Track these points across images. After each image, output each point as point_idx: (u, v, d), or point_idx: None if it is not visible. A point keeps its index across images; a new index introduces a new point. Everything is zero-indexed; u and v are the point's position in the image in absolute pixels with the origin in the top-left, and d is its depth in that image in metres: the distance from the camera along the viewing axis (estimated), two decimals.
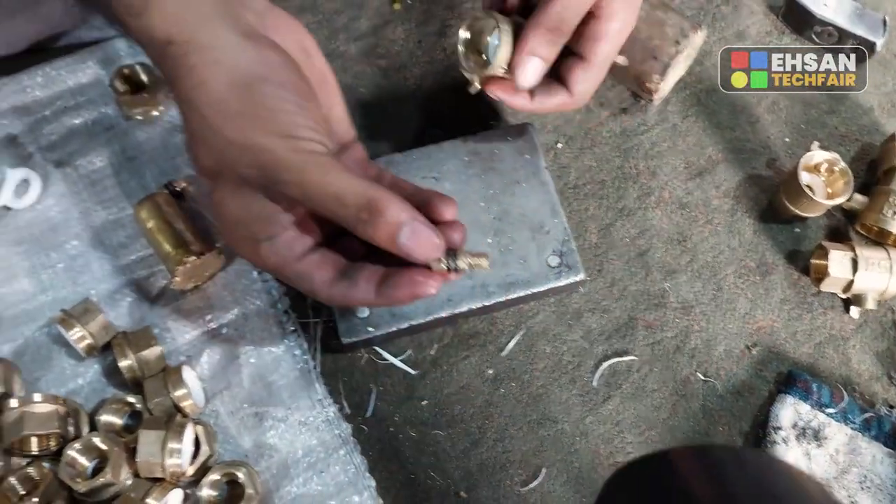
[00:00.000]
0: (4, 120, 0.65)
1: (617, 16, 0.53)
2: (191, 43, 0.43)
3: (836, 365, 0.64)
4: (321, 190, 0.42)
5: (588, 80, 0.56)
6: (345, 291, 0.46)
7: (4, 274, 0.61)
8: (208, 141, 0.44)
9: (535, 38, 0.53)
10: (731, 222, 0.68)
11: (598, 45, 0.54)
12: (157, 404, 0.56)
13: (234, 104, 0.43)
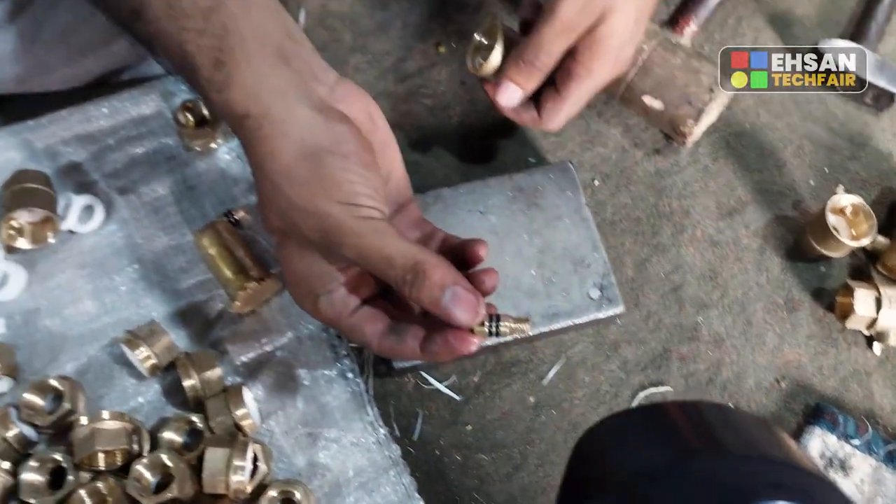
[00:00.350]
0: (70, 148, 0.68)
1: (587, 62, 0.59)
2: (265, 116, 0.47)
3: (860, 398, 0.67)
4: (375, 252, 0.46)
5: (557, 112, 0.62)
6: (393, 345, 0.49)
7: (70, 296, 0.64)
8: (276, 204, 0.48)
9: (512, 68, 0.61)
10: (760, 260, 0.71)
11: (569, 82, 0.60)
12: (219, 423, 0.59)
13: (302, 173, 0.46)
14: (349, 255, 0.46)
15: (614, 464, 0.33)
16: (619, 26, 0.58)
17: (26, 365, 0.62)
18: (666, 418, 0.34)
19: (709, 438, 0.32)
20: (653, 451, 0.32)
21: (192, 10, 0.47)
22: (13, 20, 0.63)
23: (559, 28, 0.57)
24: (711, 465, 0.30)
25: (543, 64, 0.60)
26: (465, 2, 0.81)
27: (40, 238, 0.64)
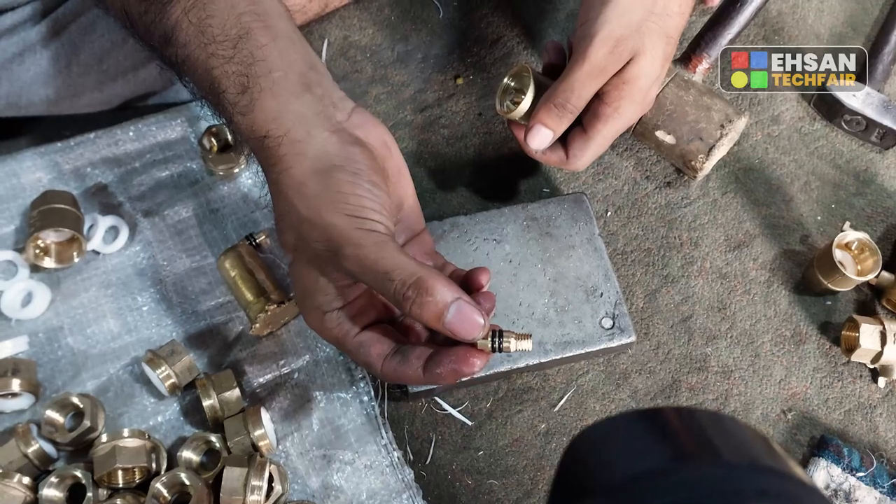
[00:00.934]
0: (97, 170, 0.70)
1: (615, 103, 0.60)
2: (284, 137, 0.49)
3: (864, 431, 0.68)
4: (374, 265, 0.46)
5: (584, 151, 0.63)
6: (396, 366, 0.50)
7: (93, 314, 0.66)
8: (289, 218, 0.49)
9: (543, 111, 0.61)
10: (768, 293, 0.72)
11: (597, 122, 0.62)
12: (237, 443, 0.60)
13: (313, 187, 0.48)
14: (349, 267, 0.47)
15: (605, 466, 0.33)
16: (647, 68, 0.59)
17: (48, 382, 0.63)
18: (659, 423, 0.35)
19: (701, 444, 0.33)
20: (645, 454, 0.32)
21: (221, 38, 0.49)
22: (48, 44, 0.65)
23: (590, 71, 0.59)
24: (702, 471, 0.31)
25: (574, 107, 0.61)
26: (483, 36, 0.83)
27: (66, 258, 0.66)
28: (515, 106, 0.64)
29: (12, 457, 0.58)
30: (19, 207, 0.68)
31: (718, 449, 0.32)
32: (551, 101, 0.60)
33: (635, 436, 0.34)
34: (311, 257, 0.50)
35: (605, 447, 0.35)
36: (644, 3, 0.58)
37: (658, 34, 0.59)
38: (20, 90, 0.66)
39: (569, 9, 0.85)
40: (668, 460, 0.32)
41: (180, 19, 0.49)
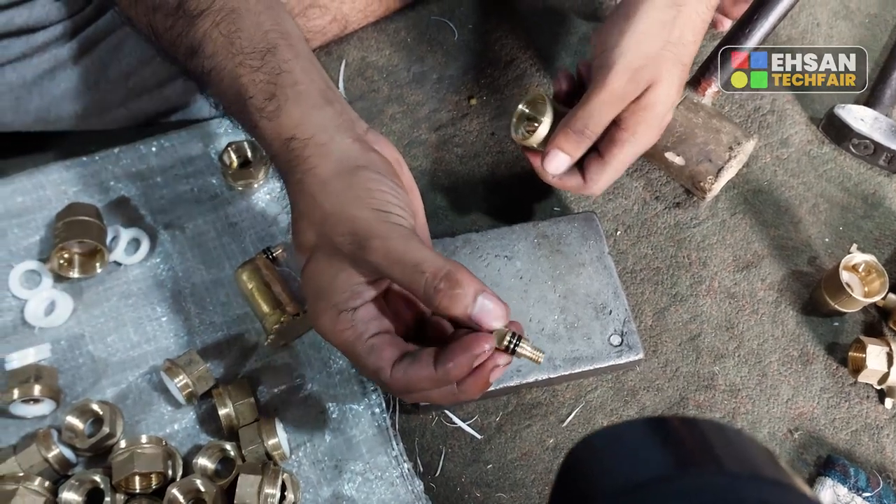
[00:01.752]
0: (120, 184, 0.72)
1: (632, 128, 0.61)
2: (310, 140, 0.51)
3: (871, 452, 0.69)
4: (403, 256, 0.47)
5: (601, 176, 0.64)
6: (406, 368, 0.49)
7: (113, 324, 0.67)
8: (311, 216, 0.50)
9: (562, 137, 0.62)
10: (775, 313, 0.73)
11: (613, 148, 0.63)
12: (252, 451, 0.61)
13: (338, 184, 0.50)
14: (375, 259, 0.47)
15: (606, 473, 0.33)
16: (664, 95, 0.61)
17: (69, 389, 0.65)
18: (662, 431, 0.35)
19: (704, 453, 0.33)
20: (647, 462, 0.33)
21: (249, 50, 0.52)
22: (78, 61, 0.67)
23: (609, 99, 0.60)
24: (705, 479, 0.31)
25: (592, 133, 0.62)
26: (497, 57, 0.85)
27: (89, 268, 0.68)
28: (531, 133, 0.65)
29: (33, 461, 0.60)
30: (45, 219, 0.70)
31: (721, 458, 0.33)
32: (570, 126, 0.62)
33: (637, 443, 0.35)
34: (332, 254, 0.50)
35: (606, 454, 0.35)
36: (661, 33, 0.59)
37: (674, 62, 0.60)
38: (50, 105, 0.68)
39: (581, 32, 0.87)
40: (671, 468, 0.32)
41: (209, 31, 0.52)
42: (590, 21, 0.88)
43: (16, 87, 0.67)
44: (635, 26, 0.58)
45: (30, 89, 0.67)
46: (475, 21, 0.87)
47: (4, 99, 0.67)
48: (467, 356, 0.47)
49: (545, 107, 0.65)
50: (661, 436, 0.35)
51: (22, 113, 0.69)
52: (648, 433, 0.35)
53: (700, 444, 0.34)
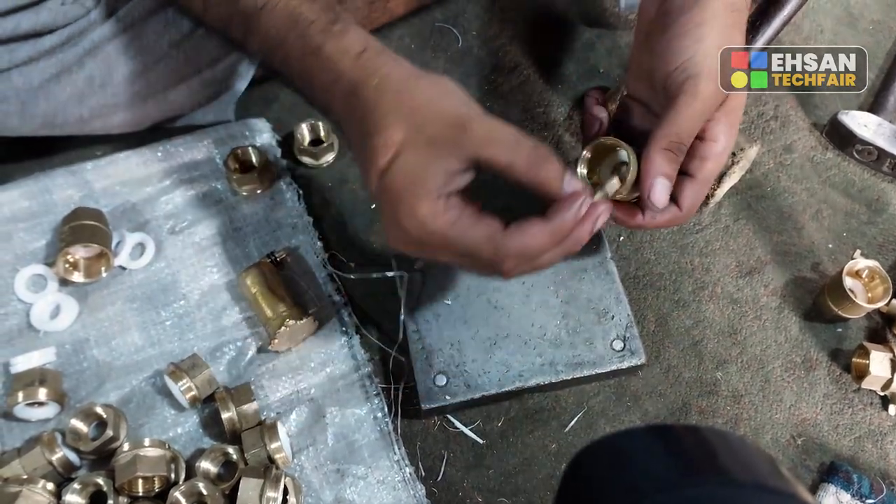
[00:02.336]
0: (126, 188, 0.73)
1: (721, 138, 0.57)
2: (382, 49, 0.54)
3: (874, 458, 0.68)
4: (505, 134, 0.50)
5: (696, 195, 0.59)
6: (519, 229, 0.52)
7: (118, 327, 0.68)
8: (397, 111, 0.51)
9: (659, 161, 0.55)
10: (779, 319, 0.73)
11: (705, 164, 0.57)
12: (254, 455, 0.61)
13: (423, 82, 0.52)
14: (477, 140, 0.49)
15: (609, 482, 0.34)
16: (744, 96, 0.58)
17: (73, 392, 0.65)
18: (666, 440, 0.35)
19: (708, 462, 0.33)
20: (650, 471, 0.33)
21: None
22: (84, 65, 0.68)
23: (702, 108, 0.55)
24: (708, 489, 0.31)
25: (685, 148, 0.56)
26: (500, 64, 0.86)
27: (94, 272, 0.68)
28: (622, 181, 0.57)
29: (37, 463, 0.60)
30: (51, 223, 0.70)
31: (724, 467, 0.33)
32: (667, 147, 0.55)
33: (640, 451, 0.35)
34: (426, 143, 0.50)
35: (609, 463, 0.35)
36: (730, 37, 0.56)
37: None
38: (56, 109, 0.69)
39: (584, 39, 0.88)
40: (673, 477, 0.32)
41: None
42: (593, 27, 0.88)
43: (22, 92, 0.68)
44: (709, 32, 0.55)
45: (36, 94, 0.68)
46: (478, 27, 0.88)
47: (11, 103, 0.68)
48: (576, 203, 0.51)
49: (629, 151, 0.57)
50: (664, 444, 0.35)
51: (28, 117, 0.69)
52: (651, 441, 0.36)
53: (703, 453, 0.34)
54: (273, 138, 0.77)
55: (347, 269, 0.73)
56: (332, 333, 0.69)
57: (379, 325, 0.71)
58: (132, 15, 0.68)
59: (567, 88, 0.84)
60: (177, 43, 0.70)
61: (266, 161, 0.73)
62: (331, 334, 0.69)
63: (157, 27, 0.69)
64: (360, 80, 0.53)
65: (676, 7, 0.56)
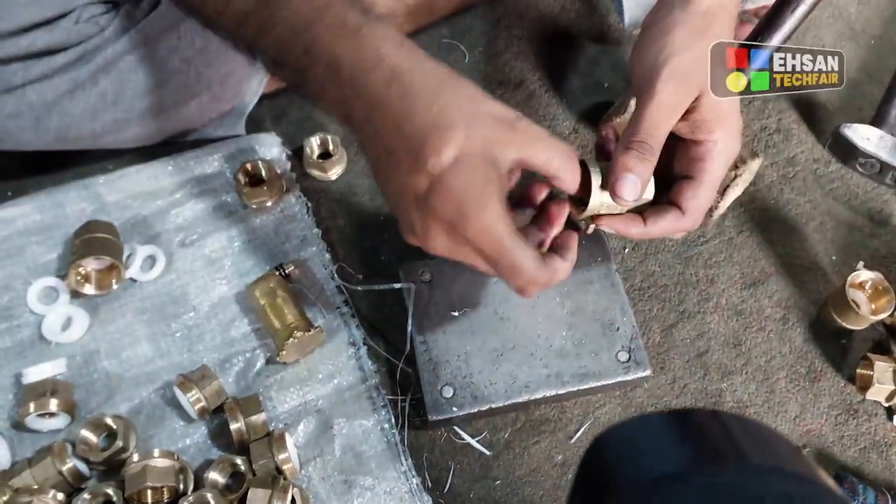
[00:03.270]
0: (137, 202, 0.74)
1: (715, 138, 0.58)
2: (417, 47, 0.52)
3: (879, 469, 0.69)
4: (543, 134, 0.52)
5: (697, 196, 0.58)
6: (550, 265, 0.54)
7: (129, 339, 0.69)
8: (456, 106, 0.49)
9: (626, 158, 0.56)
10: (783, 330, 0.74)
11: (703, 165, 0.58)
12: (262, 466, 0.62)
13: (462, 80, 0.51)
14: (524, 138, 0.50)
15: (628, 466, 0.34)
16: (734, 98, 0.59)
17: (83, 403, 0.66)
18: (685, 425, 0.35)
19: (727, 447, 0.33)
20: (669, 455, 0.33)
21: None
22: (97, 81, 0.69)
23: (659, 108, 0.56)
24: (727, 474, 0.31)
25: (656, 143, 0.57)
26: (507, 79, 0.87)
27: (105, 284, 0.69)
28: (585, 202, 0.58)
29: (48, 474, 0.60)
30: (63, 236, 0.72)
31: (743, 452, 0.32)
32: (628, 146, 0.56)
33: (659, 436, 0.34)
34: (485, 143, 0.49)
35: (628, 447, 0.35)
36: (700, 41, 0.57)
37: None
38: (69, 125, 0.70)
39: (589, 55, 0.89)
40: (693, 462, 0.32)
41: None
42: (598, 43, 0.89)
43: (36, 108, 0.69)
44: (672, 39, 0.57)
45: (50, 109, 0.69)
46: (485, 44, 0.89)
47: (25, 119, 0.69)
48: None
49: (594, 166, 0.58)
50: (684, 428, 0.35)
51: (42, 132, 0.70)
52: (670, 426, 0.35)
53: (722, 437, 0.33)
54: (282, 152, 0.78)
55: (355, 281, 0.74)
56: (340, 345, 0.70)
57: (386, 337, 0.72)
58: (145, 32, 0.69)
59: (572, 103, 0.85)
60: (188, 59, 0.71)
61: (275, 174, 0.74)
62: (338, 346, 0.70)
63: (168, 43, 0.70)
64: (405, 68, 0.50)
65: (650, 19, 0.59)
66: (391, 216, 0.78)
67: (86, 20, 0.68)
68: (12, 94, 0.68)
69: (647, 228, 0.59)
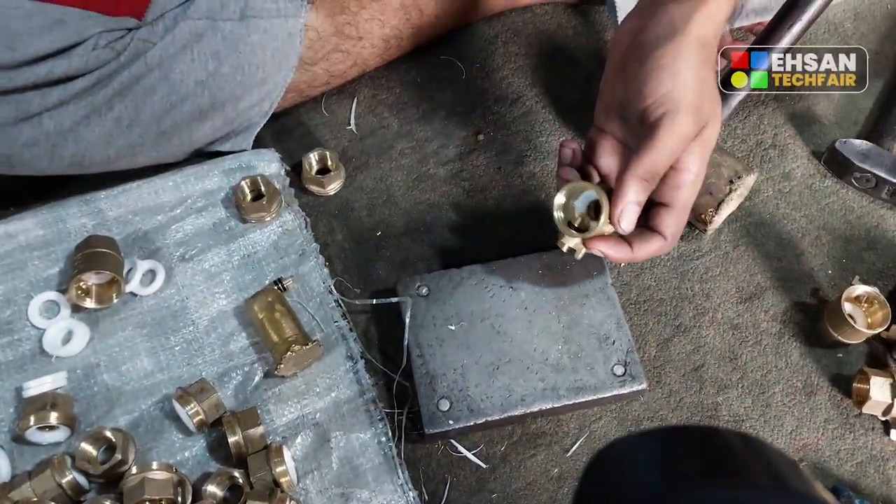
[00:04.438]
0: (138, 217, 0.75)
1: (692, 167, 0.60)
2: None
3: (876, 484, 0.69)
4: None
5: (676, 223, 0.62)
6: None
7: (128, 353, 0.69)
8: None
9: (633, 189, 0.59)
10: (779, 344, 0.74)
11: (680, 192, 0.61)
12: (259, 479, 0.62)
13: None
14: None
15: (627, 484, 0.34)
16: (716, 128, 0.61)
17: (83, 416, 0.67)
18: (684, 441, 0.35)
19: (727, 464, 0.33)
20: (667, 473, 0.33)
21: None
22: (113, 107, 0.70)
23: (678, 141, 0.58)
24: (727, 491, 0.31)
25: (658, 177, 0.60)
26: (504, 95, 0.88)
27: (105, 299, 0.70)
28: (596, 221, 0.61)
29: (47, 486, 0.61)
30: (64, 251, 0.72)
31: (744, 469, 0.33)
32: (642, 177, 0.59)
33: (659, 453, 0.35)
34: None
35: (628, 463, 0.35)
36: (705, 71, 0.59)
37: (717, 97, 0.61)
38: (84, 151, 0.71)
39: (585, 71, 0.90)
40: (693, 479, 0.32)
41: None
42: (594, 59, 0.90)
43: (52, 135, 0.69)
44: (685, 66, 0.57)
45: (66, 136, 0.70)
46: (482, 60, 0.90)
47: (41, 147, 0.70)
48: None
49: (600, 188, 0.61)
50: (684, 445, 0.35)
51: (57, 159, 0.71)
52: (671, 442, 0.36)
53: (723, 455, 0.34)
54: (281, 168, 0.79)
55: (353, 295, 0.74)
56: (338, 359, 0.70)
57: (383, 351, 0.72)
58: (159, 55, 0.69)
59: (568, 118, 0.86)
60: (202, 81, 0.71)
61: (274, 190, 0.75)
62: (336, 359, 0.70)
63: (182, 66, 0.70)
64: None
65: (651, 40, 0.59)
66: (388, 231, 0.79)
67: (102, 47, 0.68)
68: (29, 123, 0.69)
69: (633, 254, 0.62)
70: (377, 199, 0.81)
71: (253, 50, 0.72)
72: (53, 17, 0.67)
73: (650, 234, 0.62)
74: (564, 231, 0.64)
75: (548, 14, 0.94)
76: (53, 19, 0.67)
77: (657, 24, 0.59)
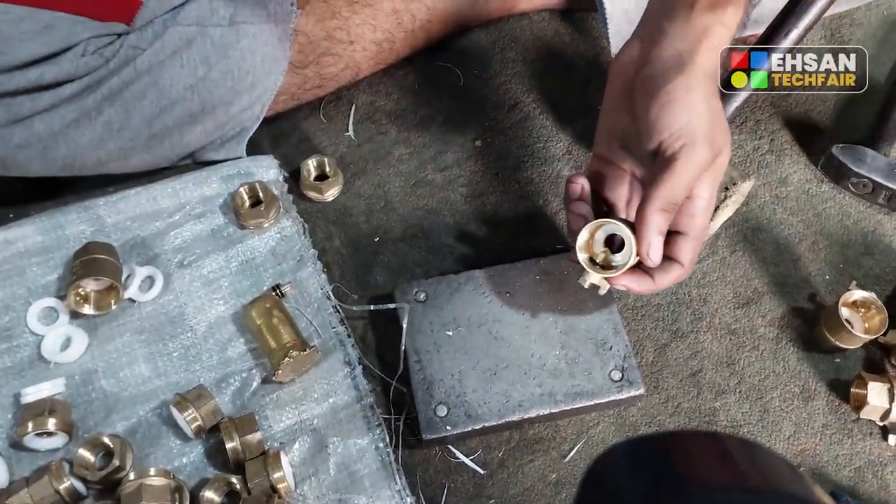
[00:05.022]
0: (136, 223, 0.75)
1: (704, 194, 0.60)
2: None
3: (875, 489, 0.69)
4: None
5: (693, 250, 0.62)
6: None
7: (126, 359, 0.69)
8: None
9: (656, 221, 0.59)
10: (776, 349, 0.74)
11: (695, 221, 0.61)
12: (257, 484, 0.62)
13: None
14: None
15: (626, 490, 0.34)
16: (727, 155, 0.62)
17: (81, 422, 0.67)
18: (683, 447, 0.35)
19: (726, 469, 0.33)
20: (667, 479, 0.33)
21: None
22: (103, 111, 0.70)
23: (695, 171, 0.58)
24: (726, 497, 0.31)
25: (678, 205, 0.60)
26: (501, 101, 0.88)
27: (104, 305, 0.70)
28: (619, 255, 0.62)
29: (45, 493, 0.61)
30: (63, 257, 0.73)
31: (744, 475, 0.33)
32: (663, 208, 0.59)
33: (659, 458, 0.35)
34: None
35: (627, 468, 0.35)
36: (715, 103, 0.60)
37: (727, 126, 0.62)
38: (75, 153, 0.71)
39: (583, 77, 0.90)
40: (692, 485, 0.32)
41: None
42: (591, 66, 0.91)
43: (44, 138, 0.70)
44: (698, 99, 0.58)
45: (56, 139, 0.70)
46: (480, 66, 0.90)
47: (33, 149, 0.70)
48: None
49: (623, 224, 0.61)
50: (683, 451, 0.35)
51: (49, 161, 0.72)
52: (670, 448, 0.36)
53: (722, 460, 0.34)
54: (279, 174, 0.80)
55: (350, 301, 0.74)
56: (335, 364, 0.70)
57: (381, 356, 0.72)
58: (149, 61, 0.70)
59: (566, 125, 0.87)
60: (192, 86, 0.72)
61: (272, 196, 0.75)
62: (334, 365, 0.70)
63: (172, 72, 0.71)
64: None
65: (660, 72, 0.59)
66: (386, 237, 0.79)
67: (91, 52, 0.69)
68: (20, 125, 0.69)
69: (656, 285, 0.63)
70: (375, 205, 0.81)
71: (242, 55, 0.72)
72: (43, 21, 0.68)
73: (669, 263, 0.63)
74: (590, 269, 0.63)
75: (545, 21, 0.94)
76: (43, 24, 0.68)
77: (662, 57, 0.59)
